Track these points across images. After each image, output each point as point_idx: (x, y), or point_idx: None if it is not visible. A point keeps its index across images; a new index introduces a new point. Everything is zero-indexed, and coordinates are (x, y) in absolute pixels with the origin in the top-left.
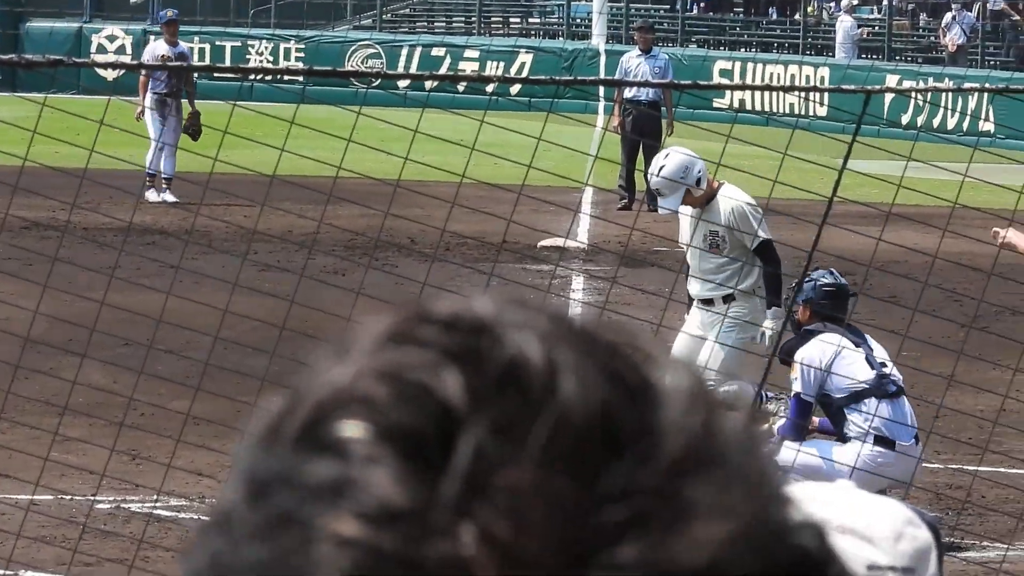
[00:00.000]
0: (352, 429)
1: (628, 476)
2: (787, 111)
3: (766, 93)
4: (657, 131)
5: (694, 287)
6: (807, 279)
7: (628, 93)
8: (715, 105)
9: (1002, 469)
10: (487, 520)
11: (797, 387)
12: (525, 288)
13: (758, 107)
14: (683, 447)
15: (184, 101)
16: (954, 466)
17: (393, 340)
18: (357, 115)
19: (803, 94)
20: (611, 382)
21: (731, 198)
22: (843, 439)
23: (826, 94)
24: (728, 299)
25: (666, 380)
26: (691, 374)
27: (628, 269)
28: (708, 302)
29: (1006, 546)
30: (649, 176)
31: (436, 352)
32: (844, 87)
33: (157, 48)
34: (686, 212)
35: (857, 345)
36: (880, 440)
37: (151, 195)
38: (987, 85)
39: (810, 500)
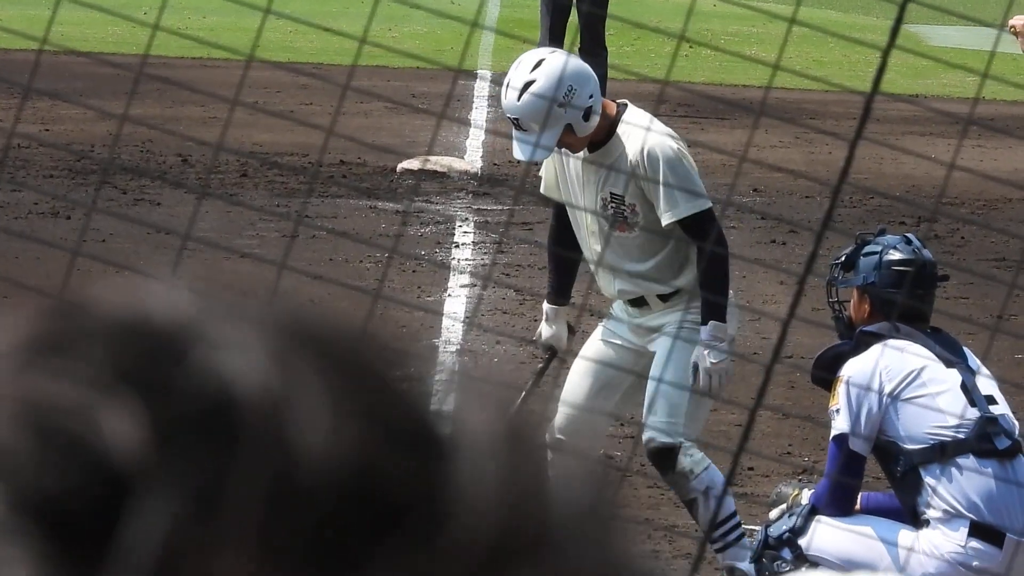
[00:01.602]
0: None
1: (396, 568)
2: None
3: None
4: None
5: (605, 282)
6: (864, 247)
7: None
8: None
9: None
10: None
11: (840, 424)
12: (361, 244)
13: None
14: (483, 525)
15: None
16: None
17: (34, 357)
18: None
19: None
20: (374, 427)
21: (642, 135)
22: (915, 519)
23: None
24: (669, 298)
25: (462, 425)
26: (501, 418)
27: (539, 209)
28: (637, 303)
29: None
30: (505, 91)
31: (98, 379)
32: None
33: None
34: (565, 161)
35: (949, 364)
36: (978, 529)
37: None
38: None
39: None
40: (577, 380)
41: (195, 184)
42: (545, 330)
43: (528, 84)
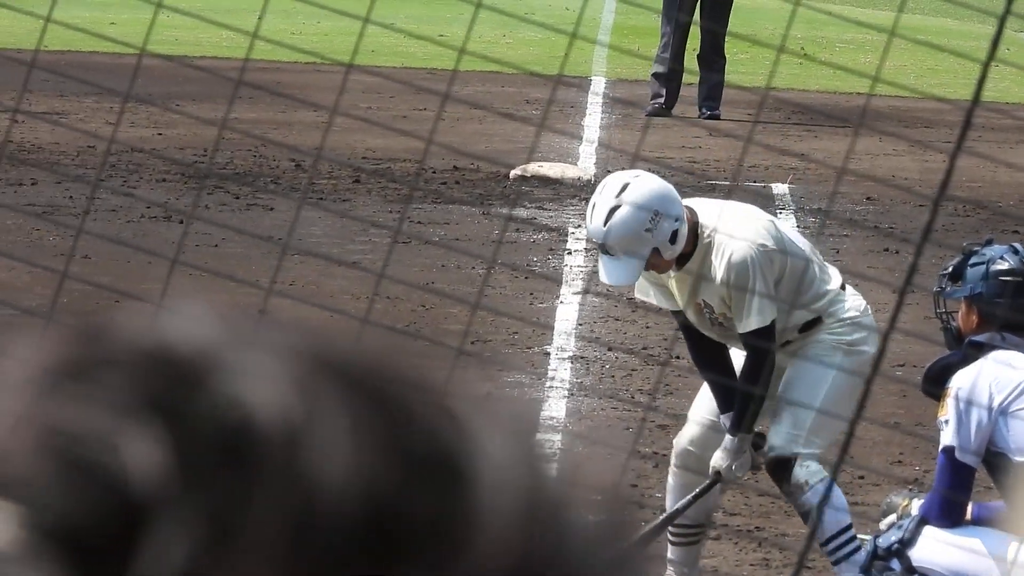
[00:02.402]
0: None
1: None
2: None
3: None
4: None
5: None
6: (971, 258)
7: None
8: None
9: None
10: None
11: (948, 437)
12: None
13: None
14: (501, 555)
15: None
16: None
17: (58, 382)
18: None
19: None
20: (393, 457)
21: (727, 244)
22: None
23: None
24: (811, 326)
25: (482, 456)
26: (522, 448)
27: None
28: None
29: None
30: (590, 215)
31: (120, 405)
32: None
33: None
34: (652, 280)
35: None
36: None
37: None
38: None
39: None
40: (708, 395)
41: (307, 190)
42: (719, 457)
43: (614, 210)
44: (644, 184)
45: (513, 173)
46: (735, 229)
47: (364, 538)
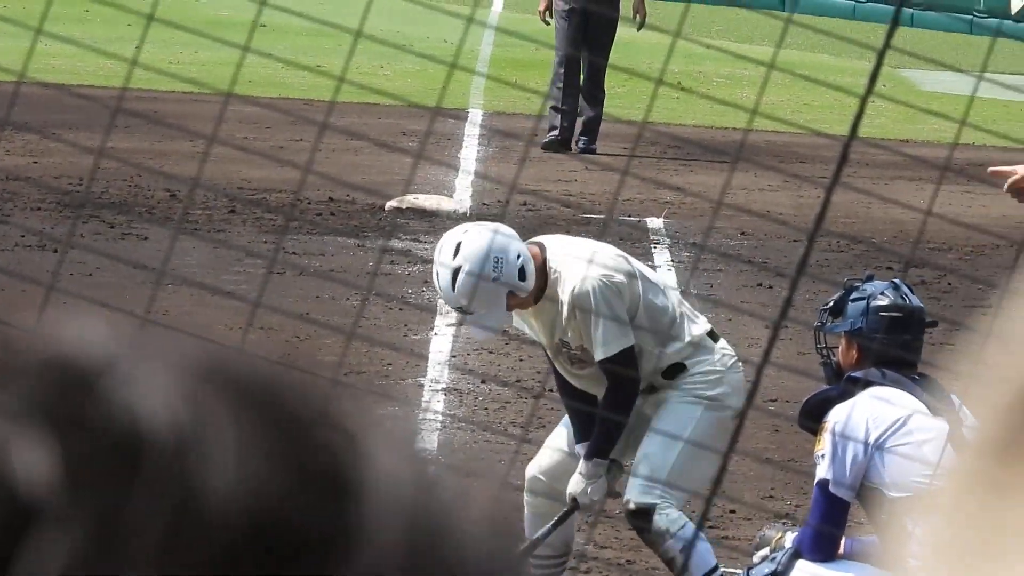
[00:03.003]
0: None
1: None
2: None
3: None
4: (610, 19)
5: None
6: (852, 293)
7: None
8: None
9: None
10: None
11: (823, 471)
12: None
13: None
14: (386, 566)
15: None
16: None
17: None
18: None
19: None
20: (281, 467)
21: (571, 275)
22: (898, 566)
23: None
24: (674, 373)
25: (371, 471)
26: (411, 461)
27: None
28: (646, 390)
29: None
30: (437, 282)
31: (11, 410)
32: None
33: None
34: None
35: (936, 412)
36: None
37: None
38: None
39: None
40: (566, 426)
41: (182, 220)
42: (575, 482)
43: (456, 272)
44: (475, 238)
45: (389, 205)
46: (580, 261)
47: (247, 547)
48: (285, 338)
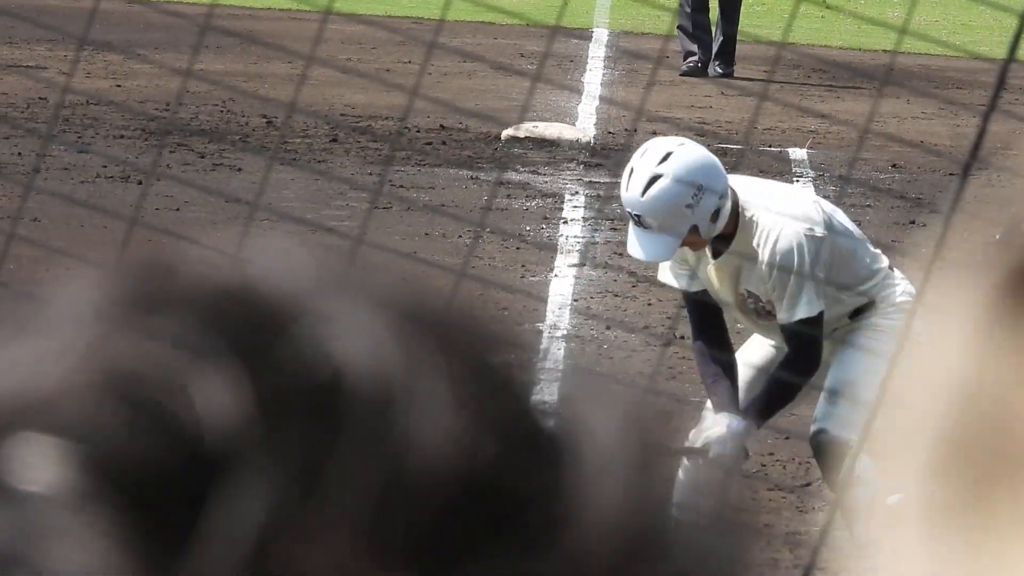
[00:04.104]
0: (43, 463)
1: (508, 573)
2: None
3: None
4: None
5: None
6: None
7: None
8: None
9: None
10: None
11: None
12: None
13: None
14: (605, 535)
15: None
16: None
17: (126, 315)
18: None
19: None
20: (493, 426)
21: (772, 226)
22: None
23: None
24: (862, 311)
25: (585, 427)
26: (628, 423)
27: None
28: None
29: None
30: (626, 182)
31: (194, 343)
32: None
33: None
34: (689, 259)
35: None
36: None
37: None
38: None
39: None
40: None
41: (280, 149)
42: (718, 433)
43: (654, 179)
44: (688, 154)
45: (505, 133)
46: (781, 209)
47: (457, 510)
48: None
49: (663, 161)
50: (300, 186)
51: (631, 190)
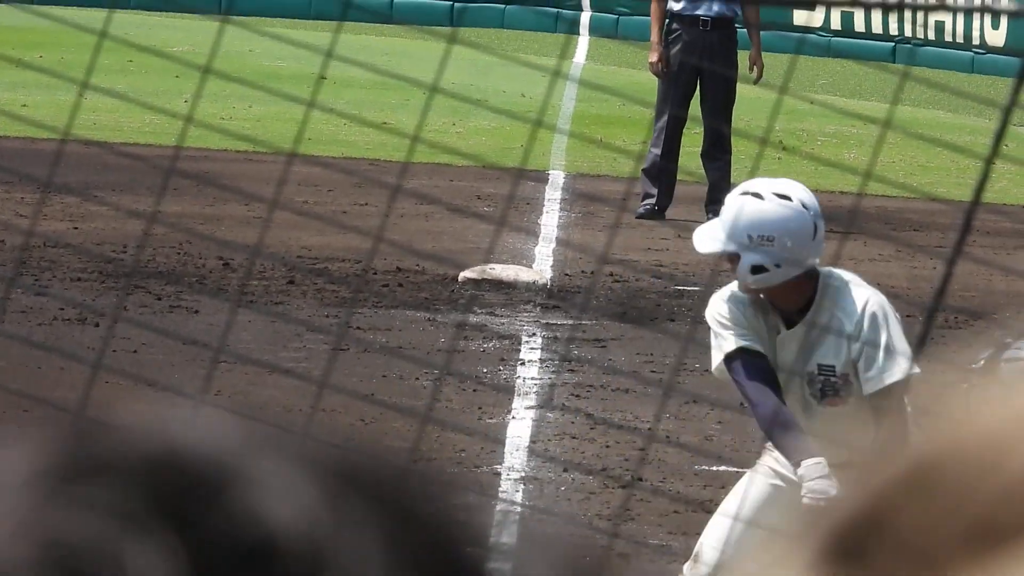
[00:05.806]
0: None
1: None
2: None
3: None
4: (727, 78)
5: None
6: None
7: (676, 2)
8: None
9: None
10: None
11: None
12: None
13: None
14: None
15: None
16: None
17: (55, 487)
18: None
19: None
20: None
21: (856, 294)
22: None
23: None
24: None
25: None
26: (570, 567)
27: (629, 329)
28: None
29: None
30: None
31: (125, 516)
32: None
33: None
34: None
35: None
36: None
37: None
38: None
39: None
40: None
41: (236, 292)
42: (817, 485)
43: (782, 196)
44: (799, 221)
45: (463, 275)
46: (859, 284)
47: None
48: (350, 421)
49: (792, 191)
50: (257, 328)
51: (732, 211)
